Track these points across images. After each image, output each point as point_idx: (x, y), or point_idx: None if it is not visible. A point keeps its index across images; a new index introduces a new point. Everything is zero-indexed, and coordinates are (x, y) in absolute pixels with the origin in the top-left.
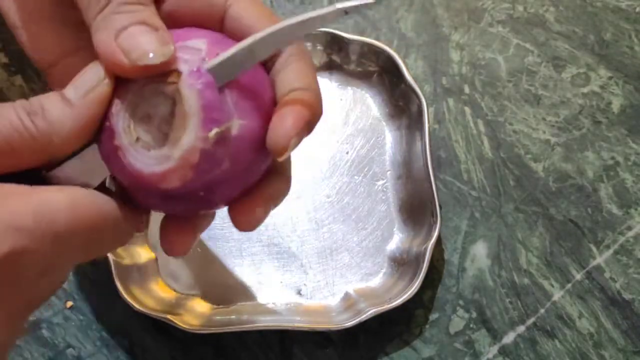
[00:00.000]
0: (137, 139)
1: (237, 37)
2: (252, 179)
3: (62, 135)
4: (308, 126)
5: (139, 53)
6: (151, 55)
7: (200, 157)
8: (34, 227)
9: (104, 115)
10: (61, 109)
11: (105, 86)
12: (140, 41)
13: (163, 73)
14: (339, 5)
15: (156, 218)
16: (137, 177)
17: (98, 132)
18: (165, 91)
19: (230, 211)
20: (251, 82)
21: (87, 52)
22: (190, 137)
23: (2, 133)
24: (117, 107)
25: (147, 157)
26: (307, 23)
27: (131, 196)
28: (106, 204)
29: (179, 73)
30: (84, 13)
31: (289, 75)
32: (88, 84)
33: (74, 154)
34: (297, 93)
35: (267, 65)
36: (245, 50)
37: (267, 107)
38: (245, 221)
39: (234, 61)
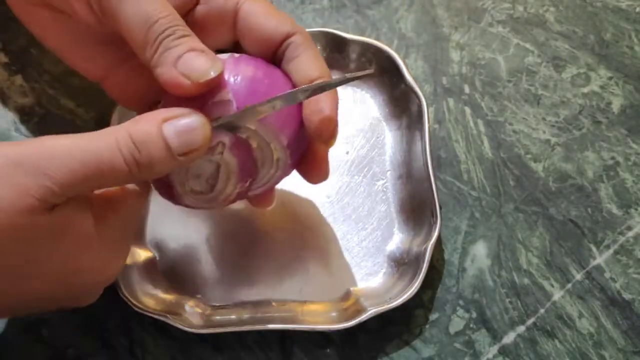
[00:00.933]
0: (191, 190)
1: (250, 35)
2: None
3: (155, 176)
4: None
5: (197, 73)
6: (211, 72)
7: (236, 196)
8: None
9: None
10: (167, 162)
11: (203, 149)
12: (195, 63)
13: (211, 146)
14: (348, 75)
15: (155, 217)
16: (192, 207)
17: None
18: (212, 159)
19: (301, 174)
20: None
21: (132, 63)
22: (230, 188)
23: (106, 178)
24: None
25: (199, 200)
26: (316, 89)
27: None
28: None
29: (223, 144)
30: (140, 56)
31: (303, 64)
32: (193, 142)
33: None
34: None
35: (277, 55)
36: (266, 104)
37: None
38: (317, 175)
39: (257, 111)
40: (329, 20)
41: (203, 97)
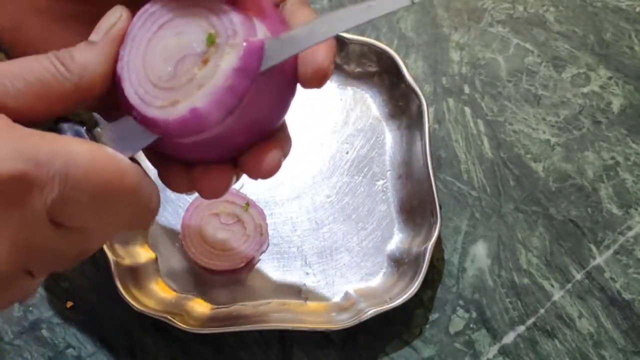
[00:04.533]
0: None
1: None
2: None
3: (90, 72)
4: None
5: None
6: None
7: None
8: (46, 162)
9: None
10: (86, 50)
11: (122, 22)
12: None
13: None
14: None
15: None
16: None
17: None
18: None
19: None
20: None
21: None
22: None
23: (37, 76)
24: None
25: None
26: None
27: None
28: (128, 166)
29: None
30: None
31: (299, 18)
32: (107, 24)
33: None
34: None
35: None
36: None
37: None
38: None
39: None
40: None
41: None
